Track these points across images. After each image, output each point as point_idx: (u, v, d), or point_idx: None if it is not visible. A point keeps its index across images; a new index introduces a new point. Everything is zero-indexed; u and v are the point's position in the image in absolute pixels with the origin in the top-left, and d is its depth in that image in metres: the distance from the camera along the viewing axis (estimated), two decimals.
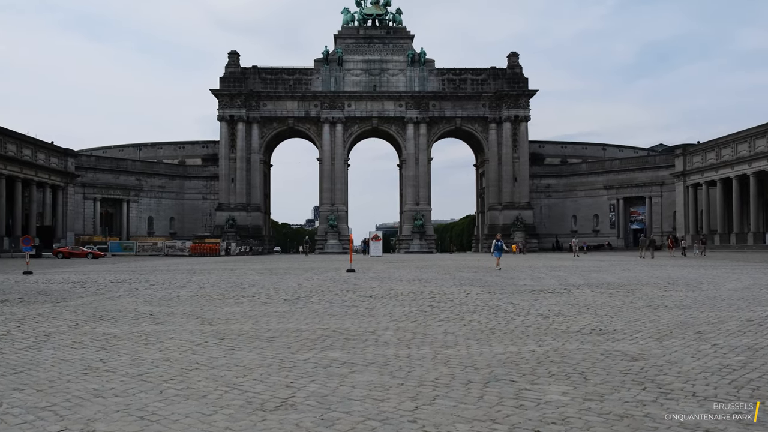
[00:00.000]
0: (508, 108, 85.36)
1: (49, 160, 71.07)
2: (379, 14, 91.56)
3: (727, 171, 68.28)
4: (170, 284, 16.73)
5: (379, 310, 10.35)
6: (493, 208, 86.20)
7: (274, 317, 9.60)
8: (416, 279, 18.31)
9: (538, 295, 12.87)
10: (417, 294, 13.16)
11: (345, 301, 11.94)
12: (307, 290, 14.42)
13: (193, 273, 22.92)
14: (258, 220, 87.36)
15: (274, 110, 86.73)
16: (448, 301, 11.77)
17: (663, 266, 26.85)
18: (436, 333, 7.98)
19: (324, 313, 10.03)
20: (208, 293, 13.72)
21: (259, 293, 13.69)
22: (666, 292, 13.37)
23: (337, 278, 19.00)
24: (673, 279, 17.77)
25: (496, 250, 26.61)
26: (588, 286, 15.05)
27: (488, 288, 14.81)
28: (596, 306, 10.64)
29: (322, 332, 8.09)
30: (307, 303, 11.62)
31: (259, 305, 11.33)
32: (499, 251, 26.39)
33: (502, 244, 26.99)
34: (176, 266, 31.36)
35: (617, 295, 12.70)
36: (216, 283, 17.19)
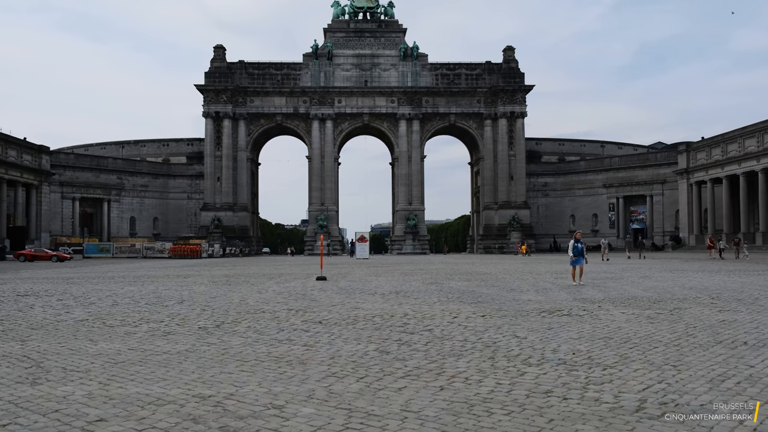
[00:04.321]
0: (504, 104, 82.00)
1: (21, 157, 67.33)
2: (370, 7, 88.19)
3: (734, 167, 65.12)
4: (83, 299, 13.27)
5: (318, 352, 6.93)
6: (488, 207, 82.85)
7: (148, 367, 6.17)
8: (394, 291, 14.87)
9: (551, 319, 9.46)
10: (386, 317, 9.73)
11: (281, 330, 8.51)
12: (243, 310, 10.98)
13: (136, 282, 19.43)
14: (245, 220, 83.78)
15: (262, 106, 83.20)
16: (425, 330, 8.35)
17: (682, 271, 23.53)
18: (389, 412, 4.57)
19: (231, 359, 6.60)
20: (106, 316, 10.25)
21: (175, 315, 10.24)
22: (721, 313, 9.99)
23: (299, 290, 15.55)
24: (710, 290, 14.41)
25: (576, 256, 16.95)
26: (612, 303, 11.65)
27: (482, 306, 11.40)
28: (641, 343, 7.23)
29: (194, 408, 4.68)
30: (224, 335, 8.18)
31: (156, 338, 7.90)
32: (580, 257, 16.99)
33: (583, 247, 17.30)
34: (135, 271, 27.87)
35: (658, 319, 9.30)
36: (140, 297, 13.72)
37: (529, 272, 24.09)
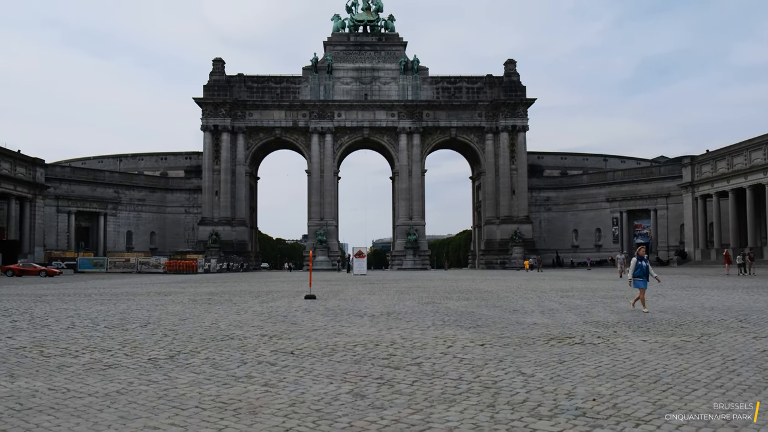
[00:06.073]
0: (505, 117, 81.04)
1: (15, 169, 66.35)
2: (370, 20, 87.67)
3: (740, 180, 63.87)
4: (39, 320, 11.98)
5: (278, 395, 5.64)
6: (490, 222, 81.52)
7: (56, 419, 4.89)
8: (385, 312, 13.55)
9: (561, 348, 8.15)
10: (370, 347, 8.42)
11: (243, 364, 7.21)
12: (210, 336, 9.68)
13: (111, 300, 18.13)
14: (243, 234, 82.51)
15: (261, 120, 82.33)
16: (413, 365, 7.05)
17: (696, 288, 22.15)
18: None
19: (167, 405, 5.31)
20: (50, 342, 8.96)
21: (129, 342, 8.94)
22: (757, 340, 8.66)
23: (281, 311, 14.22)
24: (734, 311, 13.08)
25: (640, 276, 13.63)
26: (628, 328, 10.33)
27: (482, 331, 10.08)
28: (674, 383, 5.93)
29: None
30: (174, 369, 6.89)
31: (90, 374, 6.62)
32: (645, 277, 13.63)
33: (648, 264, 13.92)
34: (119, 288, 26.57)
35: (687, 348, 7.99)
36: (103, 318, 12.41)
37: (532, 290, 22.75)
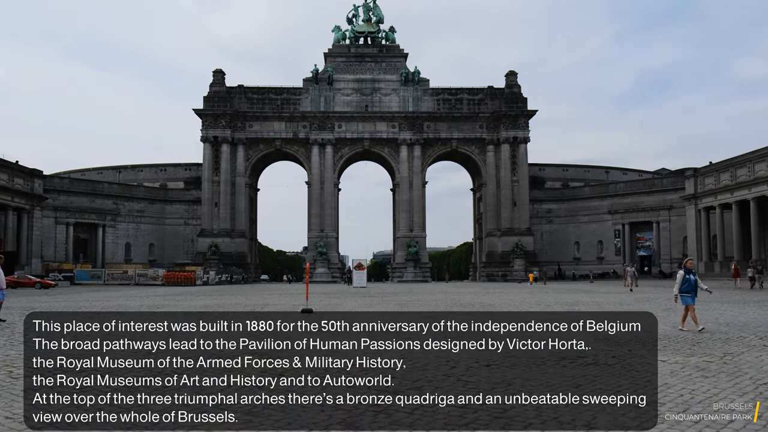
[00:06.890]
0: (507, 129, 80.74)
1: (12, 180, 65.89)
2: (371, 32, 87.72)
3: (743, 192, 63.25)
4: (17, 336, 11.37)
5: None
6: (491, 234, 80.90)
7: None
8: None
9: (573, 371, 7.49)
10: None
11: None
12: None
13: (93, 317, 17.49)
14: (243, 246, 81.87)
15: (261, 131, 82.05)
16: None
17: (706, 302, 21.45)
18: None
19: None
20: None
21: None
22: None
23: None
24: (751, 327, 12.43)
25: (688, 291, 12.48)
26: (643, 345, 9.67)
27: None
28: (704, 411, 5.29)
29: None
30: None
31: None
32: (693, 291, 12.56)
33: (697, 278, 12.86)
34: (108, 301, 25.94)
35: (711, 369, 7.36)
36: None
37: (536, 303, 22.11)
